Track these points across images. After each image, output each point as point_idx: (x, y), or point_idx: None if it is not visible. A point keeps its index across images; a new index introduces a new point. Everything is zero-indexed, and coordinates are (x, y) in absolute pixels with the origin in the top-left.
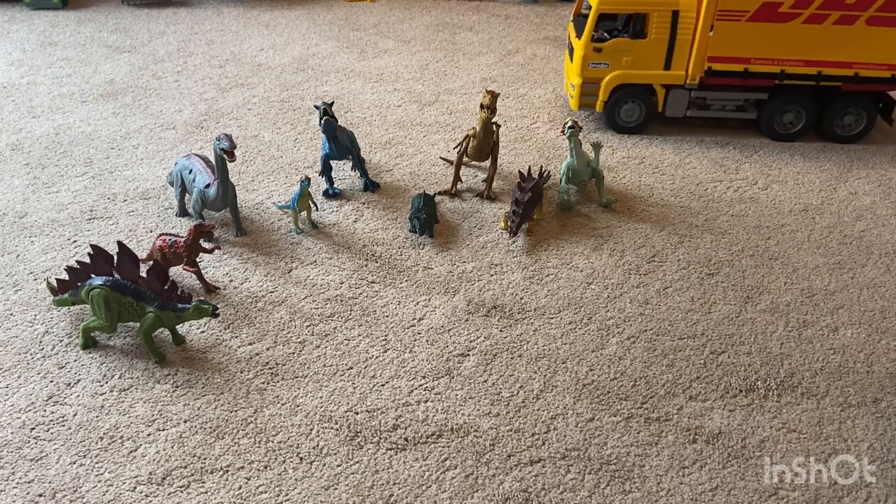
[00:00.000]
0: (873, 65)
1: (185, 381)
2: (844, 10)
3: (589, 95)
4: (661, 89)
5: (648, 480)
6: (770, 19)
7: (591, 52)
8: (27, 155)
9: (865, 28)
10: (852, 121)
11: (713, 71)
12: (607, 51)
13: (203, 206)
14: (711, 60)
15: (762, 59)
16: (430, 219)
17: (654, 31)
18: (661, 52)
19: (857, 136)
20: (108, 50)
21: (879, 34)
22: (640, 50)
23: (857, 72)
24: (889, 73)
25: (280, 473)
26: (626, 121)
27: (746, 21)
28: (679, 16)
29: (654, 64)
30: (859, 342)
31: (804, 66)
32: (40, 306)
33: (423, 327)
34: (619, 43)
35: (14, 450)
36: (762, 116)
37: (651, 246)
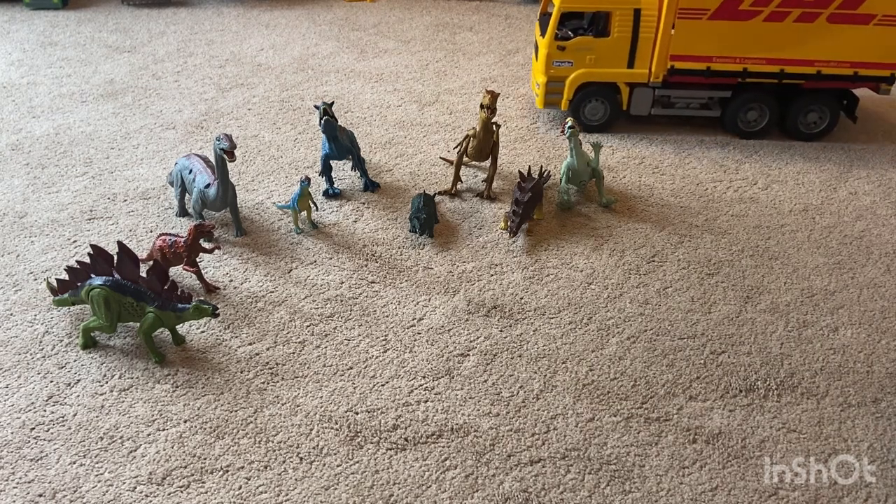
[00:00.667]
0: (835, 62)
1: (185, 381)
2: (805, 8)
3: (554, 94)
4: (625, 87)
5: (648, 480)
6: (731, 17)
7: (554, 51)
8: (27, 155)
9: (826, 26)
10: (816, 118)
11: (675, 69)
12: (571, 49)
13: (203, 206)
14: (674, 59)
15: (724, 58)
16: (430, 219)
17: (617, 30)
18: (624, 50)
19: (821, 133)
20: (108, 50)
21: (840, 32)
22: (603, 48)
23: (819, 69)
24: (851, 71)
25: (280, 473)
26: (590, 119)
27: (707, 19)
28: (641, 14)
29: (618, 62)
30: (859, 342)
31: (766, 64)
32: (40, 306)
33: (424, 327)
34: (582, 41)
35: (14, 450)
36: (726, 114)
37: (651, 246)
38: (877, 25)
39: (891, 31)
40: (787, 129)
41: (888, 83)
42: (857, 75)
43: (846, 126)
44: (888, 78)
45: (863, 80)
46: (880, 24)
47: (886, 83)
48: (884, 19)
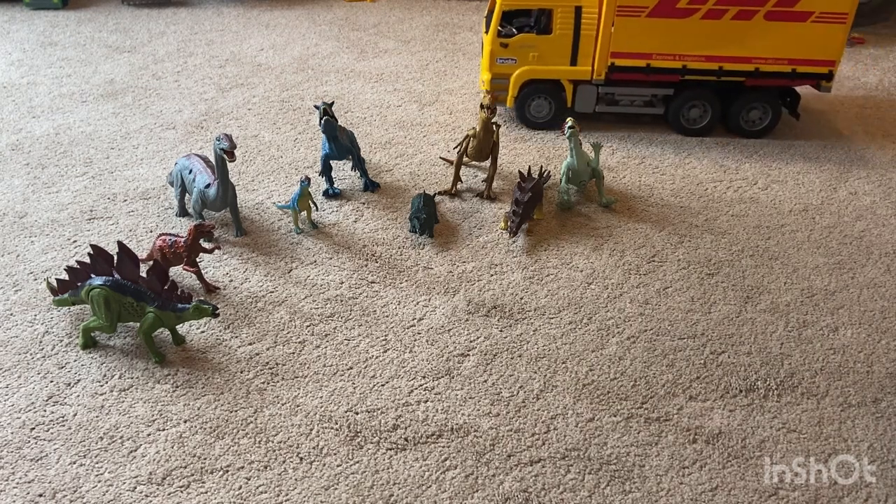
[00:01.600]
0: (773, 60)
1: (185, 381)
2: (742, 6)
3: (499, 91)
4: (568, 85)
5: (648, 480)
6: (669, 15)
7: (498, 48)
8: (27, 155)
9: (764, 23)
10: (758, 116)
11: (616, 66)
12: (514, 47)
13: (203, 206)
14: (614, 56)
15: (663, 55)
16: (430, 219)
17: (559, 27)
18: (566, 47)
19: (764, 131)
20: (108, 50)
21: (778, 29)
22: (546, 46)
23: (757, 67)
24: (790, 68)
25: (280, 473)
26: (536, 116)
27: (646, 17)
28: (582, 11)
29: (561, 59)
30: (859, 342)
31: (705, 61)
32: (40, 306)
33: (424, 327)
34: (525, 38)
35: (14, 450)
36: (669, 112)
37: (651, 246)
38: (814, 23)
39: (828, 28)
40: (730, 126)
41: (827, 80)
42: (795, 72)
43: (847, 127)
44: (826, 75)
45: (802, 78)
46: (817, 22)
47: (826, 80)
48: (821, 16)
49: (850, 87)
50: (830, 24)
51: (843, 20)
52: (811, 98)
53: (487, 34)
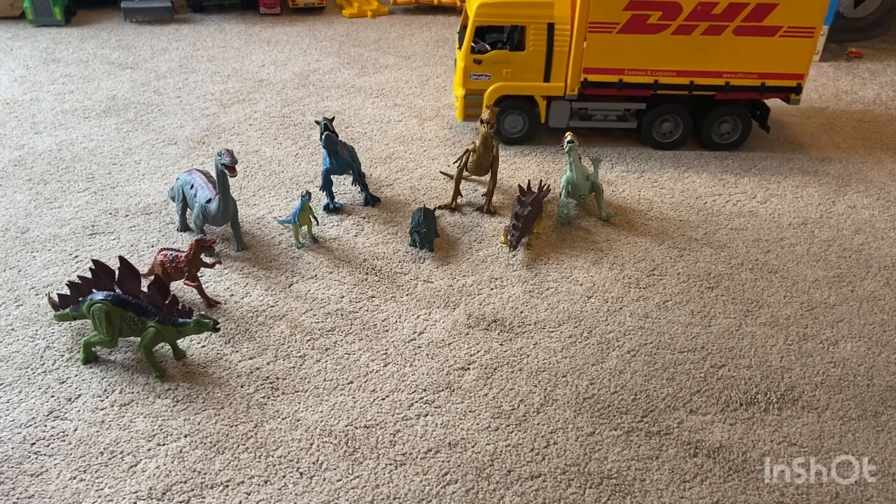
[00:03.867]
0: (743, 74)
1: (185, 395)
2: (712, 21)
3: (473, 107)
4: (542, 100)
5: (649, 494)
6: (641, 31)
7: (471, 64)
8: (30, 170)
9: (733, 38)
10: (729, 129)
11: (589, 82)
12: (487, 62)
13: (204, 221)
14: (587, 72)
15: (635, 71)
16: (431, 233)
17: (532, 44)
18: (539, 63)
19: (735, 143)
20: (110, 66)
21: (747, 44)
22: (519, 62)
23: (727, 81)
24: (759, 82)
25: (280, 488)
26: (510, 132)
27: (618, 33)
28: (555, 28)
29: (534, 75)
30: (859, 355)
31: (676, 76)
32: (42, 321)
33: (424, 341)
34: (498, 55)
35: (15, 465)
36: (642, 126)
37: (651, 259)
38: (782, 37)
39: (796, 42)
40: (702, 139)
41: (796, 93)
42: (764, 86)
43: (845, 141)
44: (795, 88)
45: (771, 91)
46: (785, 36)
47: (795, 93)
48: (788, 31)
49: (848, 102)
50: (798, 38)
51: (810, 34)
52: (810, 112)
53: (461, 50)
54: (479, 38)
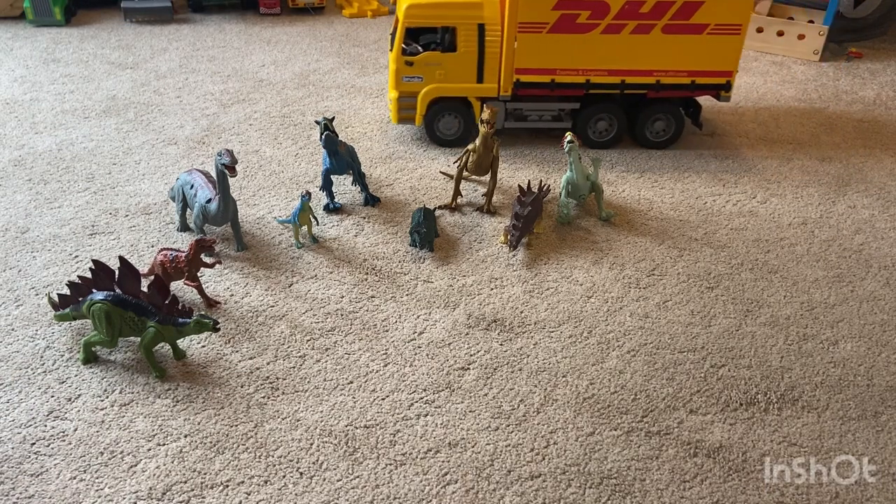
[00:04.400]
0: (673, 72)
1: (185, 395)
2: (640, 20)
3: (407, 109)
4: (476, 102)
5: (650, 494)
6: (571, 30)
7: (403, 66)
8: (29, 170)
9: (662, 37)
10: (663, 126)
11: (521, 83)
12: (419, 65)
13: (204, 221)
14: (519, 72)
15: (567, 70)
16: (431, 233)
17: (463, 45)
18: (471, 64)
19: (669, 141)
20: (110, 66)
21: (676, 42)
22: (451, 63)
23: (658, 80)
24: (689, 80)
25: (280, 488)
26: (445, 134)
27: (548, 33)
28: (485, 28)
29: (467, 77)
30: (859, 355)
31: (608, 75)
32: (41, 321)
33: (424, 341)
34: (430, 56)
35: (14, 465)
36: (577, 125)
37: (651, 259)
38: (710, 35)
39: (724, 39)
40: (637, 137)
41: (726, 90)
42: (695, 84)
43: (845, 141)
44: (725, 85)
45: (702, 89)
46: (713, 34)
47: (725, 90)
48: (716, 28)
49: (848, 102)
50: (726, 35)
51: (737, 31)
52: (810, 112)
53: (392, 52)
54: (410, 40)
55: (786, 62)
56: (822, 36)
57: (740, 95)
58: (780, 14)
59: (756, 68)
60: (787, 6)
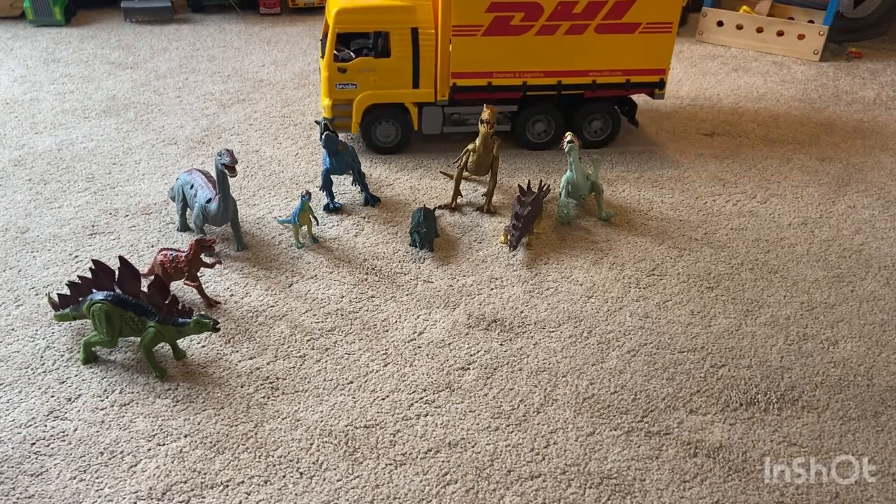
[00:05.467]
0: (608, 71)
1: (185, 395)
2: (573, 21)
3: (342, 117)
4: (413, 108)
5: (650, 495)
6: (505, 33)
7: (335, 73)
8: (29, 170)
9: (596, 36)
10: (600, 126)
11: (458, 87)
12: (352, 71)
13: (204, 221)
14: (455, 76)
15: (503, 73)
16: (431, 233)
17: (397, 50)
18: (406, 70)
19: (606, 140)
20: (110, 66)
21: (609, 42)
22: (386, 69)
23: (594, 80)
24: (624, 79)
25: (280, 488)
26: (383, 141)
27: (482, 36)
28: (419, 33)
29: (403, 82)
30: (859, 355)
31: (544, 76)
32: (41, 321)
33: (424, 341)
34: (364, 62)
35: (14, 465)
36: (515, 128)
37: (651, 259)
38: (642, 33)
39: (656, 37)
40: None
41: (660, 88)
42: (629, 83)
43: (845, 141)
44: (658, 83)
45: (637, 87)
46: (645, 32)
47: (659, 88)
48: (648, 27)
49: (848, 102)
50: (657, 34)
51: (668, 30)
52: (810, 112)
53: (323, 59)
54: (342, 46)
55: (786, 62)
56: (822, 36)
57: (740, 95)
58: (780, 14)
59: (756, 68)
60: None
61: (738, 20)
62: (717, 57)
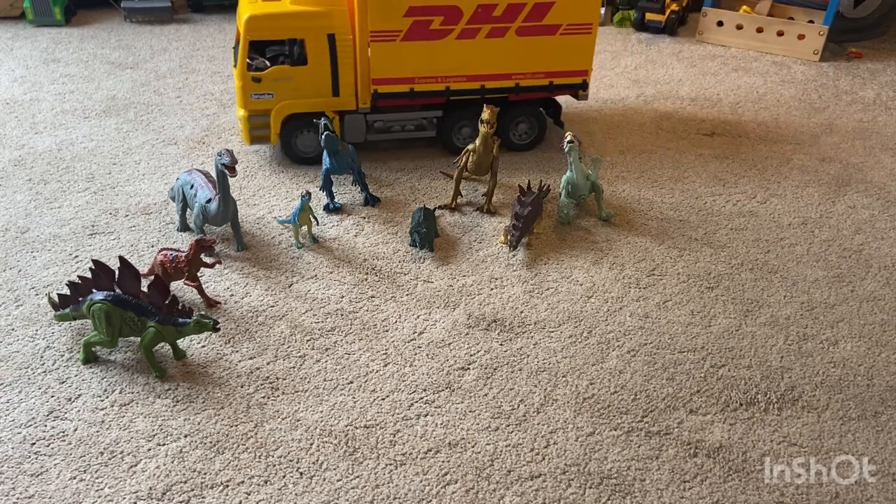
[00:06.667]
0: (531, 74)
1: (185, 395)
2: (494, 24)
3: (260, 128)
4: (335, 116)
5: (650, 495)
6: (425, 37)
7: (249, 83)
8: (29, 171)
9: (517, 39)
10: (526, 129)
11: (380, 93)
12: (268, 80)
13: (204, 221)
14: (376, 83)
15: (425, 78)
16: (431, 233)
17: (314, 57)
18: (325, 77)
19: (533, 143)
20: (110, 66)
21: (531, 44)
22: (303, 77)
23: (517, 83)
24: (547, 81)
25: (280, 488)
26: (304, 152)
27: (402, 41)
28: (336, 39)
29: (322, 91)
30: (859, 355)
31: (467, 81)
32: (41, 321)
33: (424, 341)
34: (279, 71)
35: (14, 465)
36: (441, 134)
37: (651, 259)
38: (563, 35)
39: (577, 39)
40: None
41: (583, 89)
42: (553, 85)
43: (845, 141)
44: (581, 84)
45: (560, 89)
46: (566, 34)
47: (582, 89)
48: (569, 28)
49: (848, 102)
50: (578, 35)
51: (588, 31)
52: (810, 112)
53: (236, 68)
54: (256, 54)
55: (786, 62)
56: (822, 36)
57: (740, 95)
58: (780, 14)
59: (756, 68)
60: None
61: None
62: (717, 57)
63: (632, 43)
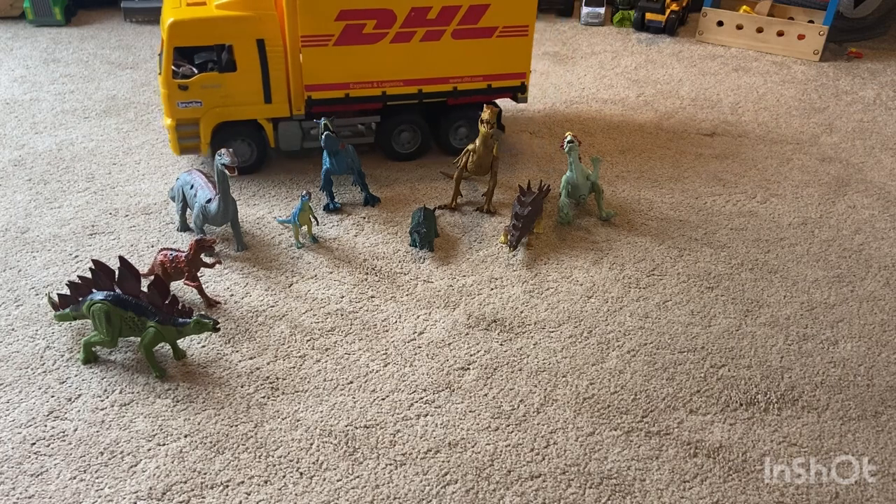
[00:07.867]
0: (469, 77)
1: (185, 395)
2: (428, 27)
3: (189, 138)
4: (267, 123)
5: (650, 495)
6: (358, 41)
7: (176, 91)
8: (29, 171)
9: (453, 42)
10: (466, 133)
11: (314, 100)
12: (195, 87)
13: (204, 221)
14: (309, 89)
15: (361, 83)
16: (431, 233)
17: (243, 63)
18: (256, 84)
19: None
20: (110, 66)
21: (467, 47)
22: (233, 84)
23: (455, 86)
24: (485, 84)
25: (280, 488)
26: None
27: (334, 45)
28: (265, 44)
29: (253, 97)
30: (859, 355)
31: (404, 85)
32: (41, 321)
33: (424, 341)
34: (207, 78)
35: (14, 465)
36: (380, 139)
37: (651, 259)
38: (500, 38)
39: (514, 41)
40: (442, 145)
41: (522, 92)
42: (491, 88)
43: (845, 141)
44: (520, 87)
45: (499, 92)
46: (503, 36)
47: (521, 92)
48: (505, 31)
49: (848, 102)
50: (515, 37)
51: (525, 33)
52: (810, 112)
53: (161, 75)
54: (182, 61)
55: (786, 62)
56: (822, 36)
57: (740, 95)
58: (780, 14)
59: (756, 68)
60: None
61: (738, 20)
62: (717, 57)
63: (632, 43)
